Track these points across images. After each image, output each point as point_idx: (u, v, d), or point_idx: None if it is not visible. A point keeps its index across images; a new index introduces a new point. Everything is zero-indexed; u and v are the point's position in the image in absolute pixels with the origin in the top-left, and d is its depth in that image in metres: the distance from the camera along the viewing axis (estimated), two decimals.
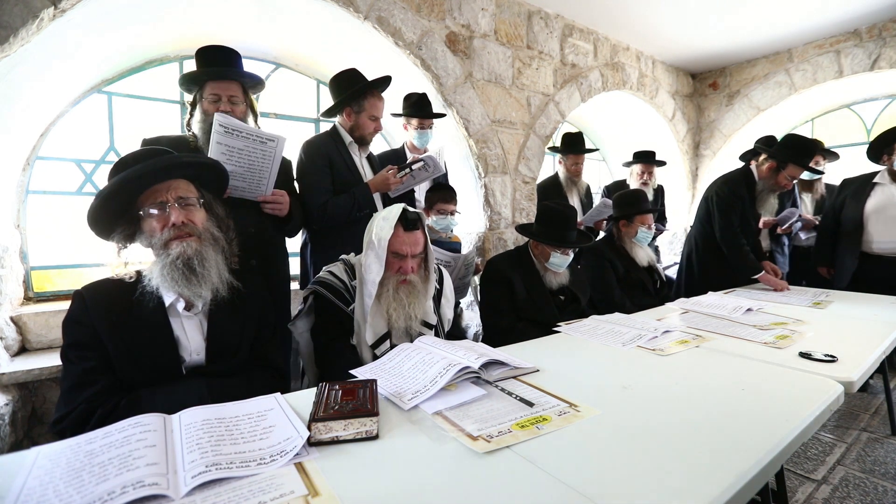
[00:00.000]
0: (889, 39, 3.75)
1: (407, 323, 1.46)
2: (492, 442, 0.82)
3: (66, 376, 1.07)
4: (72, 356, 1.08)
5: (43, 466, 0.72)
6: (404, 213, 1.45)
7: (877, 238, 2.71)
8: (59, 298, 2.33)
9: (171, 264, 1.09)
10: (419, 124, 2.51)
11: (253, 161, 1.60)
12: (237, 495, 0.67)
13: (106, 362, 1.08)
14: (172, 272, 1.09)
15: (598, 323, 1.69)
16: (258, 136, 1.57)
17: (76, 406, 1.01)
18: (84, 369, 1.05)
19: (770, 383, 1.11)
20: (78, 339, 1.08)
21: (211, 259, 1.15)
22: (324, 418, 0.84)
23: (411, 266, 1.45)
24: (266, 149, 1.60)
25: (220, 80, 1.69)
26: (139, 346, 1.10)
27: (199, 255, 1.13)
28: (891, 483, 1.82)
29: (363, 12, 2.53)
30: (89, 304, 1.10)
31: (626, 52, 4.17)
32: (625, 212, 2.48)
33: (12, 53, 1.70)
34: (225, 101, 1.68)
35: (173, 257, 1.10)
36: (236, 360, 1.22)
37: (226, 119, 1.51)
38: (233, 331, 1.22)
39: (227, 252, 1.24)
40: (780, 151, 2.56)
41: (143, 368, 1.10)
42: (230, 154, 1.54)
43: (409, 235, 1.44)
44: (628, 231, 2.48)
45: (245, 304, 1.25)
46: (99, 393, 1.03)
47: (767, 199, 2.67)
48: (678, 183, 5.06)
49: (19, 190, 2.22)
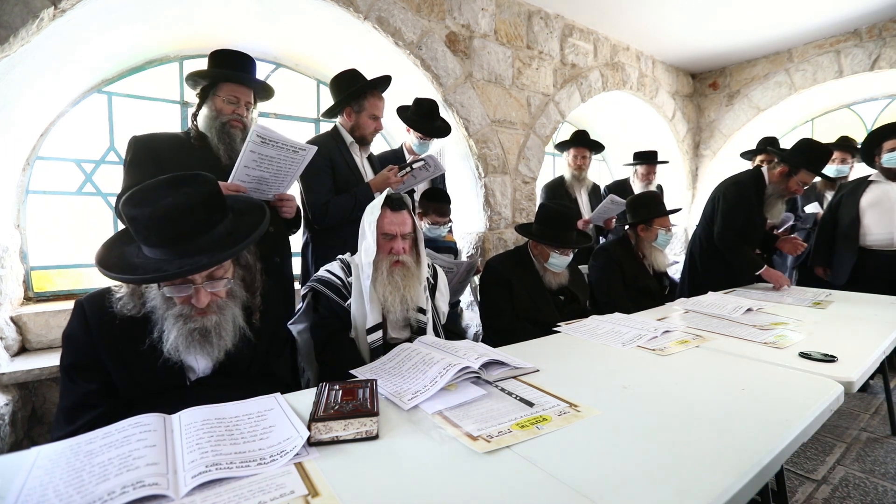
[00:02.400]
0: (889, 39, 3.75)
1: (403, 307, 1.49)
2: (492, 442, 0.82)
3: (66, 394, 1.04)
4: (73, 376, 1.04)
5: (43, 466, 0.72)
6: (388, 196, 1.50)
7: (871, 231, 2.74)
8: (59, 298, 2.33)
9: (187, 334, 1.03)
10: (422, 136, 2.51)
11: (281, 167, 1.62)
12: (237, 495, 0.67)
13: (107, 385, 1.04)
14: (188, 341, 1.04)
15: (598, 323, 1.69)
16: (292, 147, 1.59)
17: (77, 428, 0.97)
18: (85, 392, 1.02)
19: (770, 383, 1.11)
20: (78, 361, 1.04)
21: (229, 325, 1.09)
22: (324, 418, 0.84)
23: (402, 246, 1.49)
24: (297, 157, 1.63)
25: (240, 85, 1.71)
26: (143, 367, 1.05)
27: (217, 328, 1.06)
28: (891, 483, 1.82)
29: (363, 12, 2.53)
30: (90, 320, 1.05)
31: (626, 52, 4.17)
32: (642, 215, 2.37)
33: (12, 53, 1.70)
34: (242, 104, 1.71)
35: (190, 329, 1.03)
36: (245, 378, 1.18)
37: (265, 130, 1.51)
38: (245, 353, 1.15)
39: (248, 304, 1.16)
40: (793, 156, 2.50)
41: (147, 386, 1.07)
42: (261, 161, 1.56)
43: (396, 215, 1.50)
44: (647, 235, 2.36)
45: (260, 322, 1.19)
46: (100, 417, 0.99)
47: (776, 203, 2.61)
48: (678, 183, 5.06)
49: (19, 190, 2.22)
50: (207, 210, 1.03)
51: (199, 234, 1.01)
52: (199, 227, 1.01)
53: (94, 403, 1.02)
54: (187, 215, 0.99)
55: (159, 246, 0.99)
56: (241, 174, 1.54)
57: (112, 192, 2.49)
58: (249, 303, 1.17)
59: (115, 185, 2.50)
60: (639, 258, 2.42)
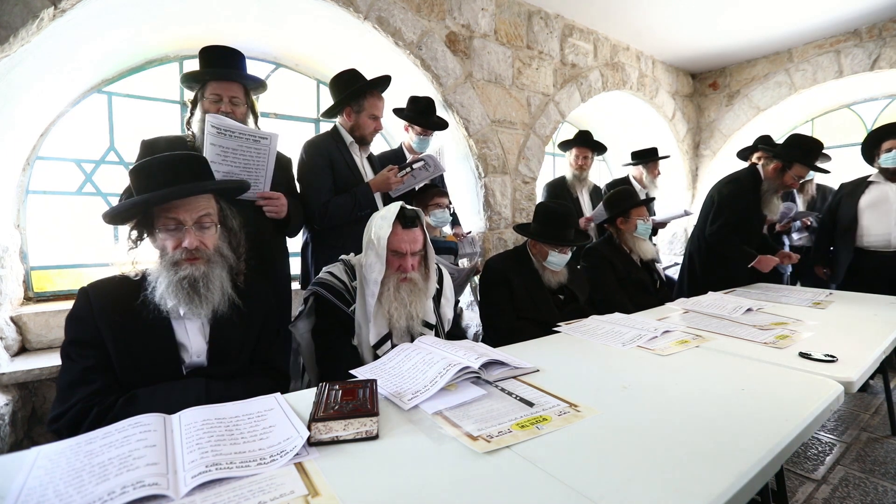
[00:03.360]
0: (889, 39, 3.75)
1: (408, 322, 1.46)
2: (492, 442, 0.82)
3: (64, 373, 1.08)
4: (72, 353, 1.08)
5: (43, 466, 0.72)
6: (402, 210, 1.45)
7: (869, 232, 2.76)
8: (59, 298, 2.33)
9: (177, 283, 1.11)
10: (422, 131, 2.52)
11: (248, 160, 1.60)
12: (237, 495, 0.67)
13: (105, 362, 1.08)
14: (177, 290, 1.11)
15: (598, 323, 1.69)
16: (251, 136, 1.57)
17: (73, 405, 1.02)
18: (83, 367, 1.06)
19: (770, 383, 1.11)
20: (79, 337, 1.09)
21: (216, 280, 1.17)
22: (324, 418, 0.84)
23: (411, 264, 1.45)
24: (260, 147, 1.60)
25: (222, 81, 1.69)
26: (141, 347, 1.10)
27: (205, 278, 1.14)
28: (891, 483, 1.82)
29: (363, 12, 2.53)
30: (93, 302, 1.11)
31: (626, 52, 4.17)
32: (619, 209, 2.47)
33: (12, 53, 1.70)
34: (226, 101, 1.68)
35: (180, 277, 1.12)
36: (238, 363, 1.22)
37: (217, 120, 1.51)
38: (235, 335, 1.23)
39: (234, 267, 1.24)
40: (786, 151, 2.56)
41: (144, 368, 1.10)
42: (224, 155, 1.54)
43: (408, 233, 1.44)
44: (627, 227, 2.45)
45: (249, 308, 1.25)
46: (96, 392, 1.04)
47: (772, 199, 2.66)
48: (678, 183, 5.06)
49: (19, 190, 2.22)
50: (198, 164, 1.23)
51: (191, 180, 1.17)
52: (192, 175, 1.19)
53: (91, 379, 1.05)
54: (182, 165, 1.18)
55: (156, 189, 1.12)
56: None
57: (112, 193, 2.49)
58: (235, 265, 1.25)
59: (115, 186, 2.50)
60: (625, 252, 2.48)
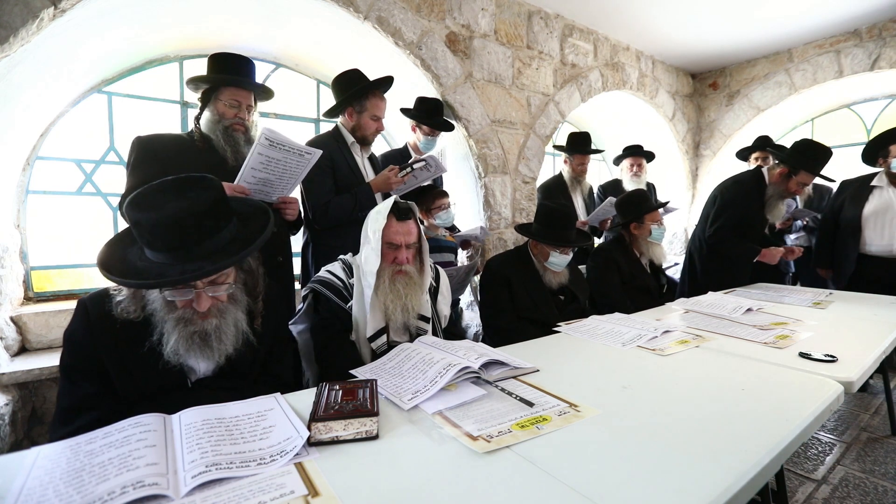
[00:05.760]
0: (889, 39, 3.74)
1: (404, 315, 1.48)
2: (492, 442, 0.82)
3: (64, 394, 1.03)
4: (72, 376, 1.04)
5: (43, 466, 0.72)
6: (396, 204, 1.48)
7: (872, 241, 2.73)
8: (59, 298, 2.33)
9: (188, 337, 1.03)
10: (429, 131, 2.54)
11: (286, 170, 1.65)
12: (237, 495, 0.67)
13: (106, 388, 1.04)
14: (188, 344, 1.03)
15: (598, 323, 1.69)
16: (298, 150, 1.61)
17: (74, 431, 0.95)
18: (83, 395, 1.02)
19: (770, 383, 1.11)
20: (79, 363, 1.04)
21: (229, 329, 1.08)
22: (324, 418, 0.84)
23: (406, 256, 1.47)
24: (302, 161, 1.65)
25: (239, 88, 1.73)
26: (144, 369, 1.04)
27: (217, 331, 1.06)
28: (891, 483, 1.82)
29: (363, 12, 2.53)
30: (93, 321, 1.04)
31: (626, 51, 4.17)
32: (633, 213, 2.43)
33: (12, 53, 1.70)
34: (244, 108, 1.74)
35: (190, 332, 1.03)
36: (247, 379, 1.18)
37: (272, 133, 1.52)
38: (246, 356, 1.15)
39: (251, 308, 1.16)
40: (793, 157, 2.51)
41: (147, 388, 1.06)
42: (267, 163, 1.58)
43: (402, 225, 1.47)
44: (641, 232, 2.41)
45: (263, 326, 1.19)
46: (98, 420, 0.97)
47: (776, 204, 2.63)
48: (678, 183, 5.06)
49: (19, 190, 2.22)
50: (212, 216, 1.02)
51: (204, 240, 1.00)
52: (203, 233, 1.00)
53: (92, 406, 1.02)
54: (192, 222, 0.98)
55: (163, 251, 0.99)
56: (248, 175, 1.57)
57: (112, 193, 2.49)
58: (252, 307, 1.17)
59: (115, 186, 2.50)
60: (635, 257, 2.45)
